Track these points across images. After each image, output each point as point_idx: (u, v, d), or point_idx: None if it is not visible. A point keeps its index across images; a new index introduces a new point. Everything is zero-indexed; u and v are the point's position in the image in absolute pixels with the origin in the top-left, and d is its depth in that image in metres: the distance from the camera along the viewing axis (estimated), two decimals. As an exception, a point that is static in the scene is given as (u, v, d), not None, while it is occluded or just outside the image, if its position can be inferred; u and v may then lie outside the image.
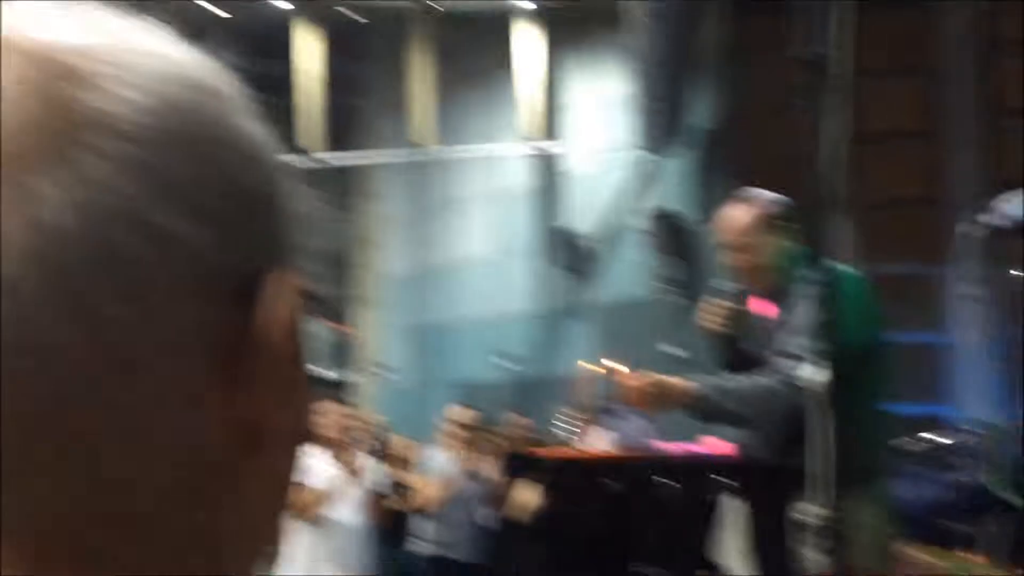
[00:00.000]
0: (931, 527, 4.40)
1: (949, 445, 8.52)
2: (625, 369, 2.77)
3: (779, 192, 2.87)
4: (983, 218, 3.34)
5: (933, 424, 10.89)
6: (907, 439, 9.98)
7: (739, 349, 2.85)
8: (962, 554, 4.10)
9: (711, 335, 2.84)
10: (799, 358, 2.48)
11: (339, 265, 20.45)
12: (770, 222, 2.75)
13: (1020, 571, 3.55)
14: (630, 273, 13.20)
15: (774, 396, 2.44)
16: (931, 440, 9.77)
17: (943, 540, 4.30)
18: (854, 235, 10.05)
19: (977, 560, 3.84)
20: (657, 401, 2.56)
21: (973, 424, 7.50)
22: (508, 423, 6.81)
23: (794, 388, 2.40)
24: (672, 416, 2.71)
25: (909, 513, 4.61)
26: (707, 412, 2.53)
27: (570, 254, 13.55)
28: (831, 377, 1.95)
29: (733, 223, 2.79)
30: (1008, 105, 11.28)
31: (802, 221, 2.73)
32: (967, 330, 9.42)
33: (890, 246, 11.89)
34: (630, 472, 2.37)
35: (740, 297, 2.88)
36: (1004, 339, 10.19)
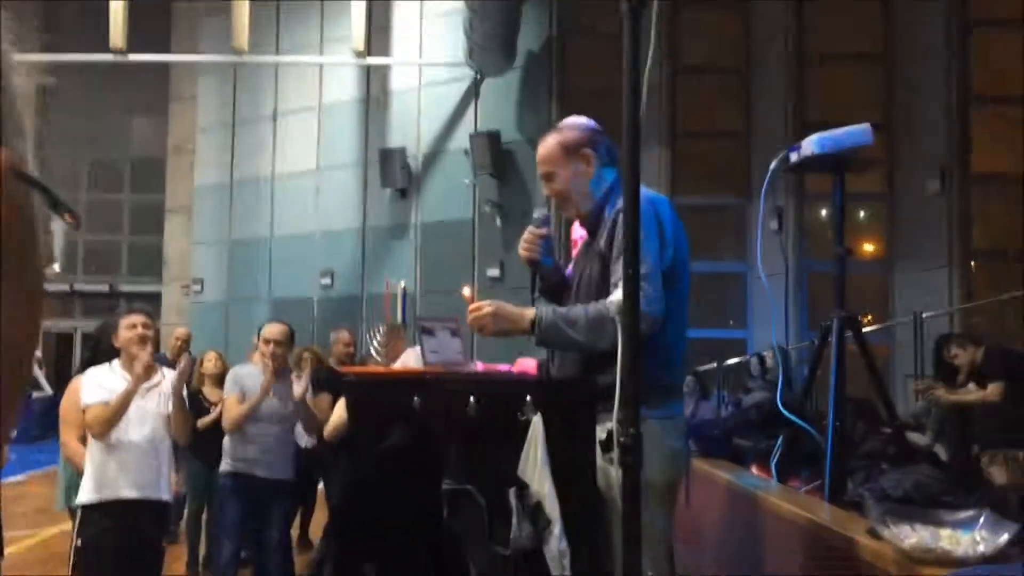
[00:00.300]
0: (727, 444, 4.67)
1: (747, 368, 9.10)
2: (468, 292, 2.76)
3: (599, 119, 2.89)
4: (788, 155, 3.50)
5: (736, 348, 11.57)
6: (712, 362, 10.55)
7: (552, 274, 2.89)
8: (753, 470, 4.38)
9: (525, 260, 2.87)
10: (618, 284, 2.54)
11: (151, 172, 19.41)
12: (578, 149, 2.77)
13: (796, 485, 3.82)
14: (453, 193, 13.20)
15: (604, 321, 2.50)
16: (732, 363, 10.37)
17: (737, 457, 4.58)
18: (669, 165, 10.38)
19: (764, 475, 4.11)
20: (496, 326, 2.56)
21: (769, 349, 8.02)
22: (333, 340, 6.70)
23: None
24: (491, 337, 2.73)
25: (708, 431, 4.89)
26: (545, 338, 2.56)
27: (395, 172, 13.39)
28: (632, 298, 2.00)
29: (543, 150, 2.81)
30: (818, 51, 11.89)
31: (613, 148, 2.77)
32: (766, 261, 10.00)
33: (704, 177, 12.41)
34: (438, 390, 2.36)
35: (545, 223, 2.91)
36: (794, 270, 10.89)
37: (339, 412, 4.35)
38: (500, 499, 2.20)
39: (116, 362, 4.21)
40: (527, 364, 3.43)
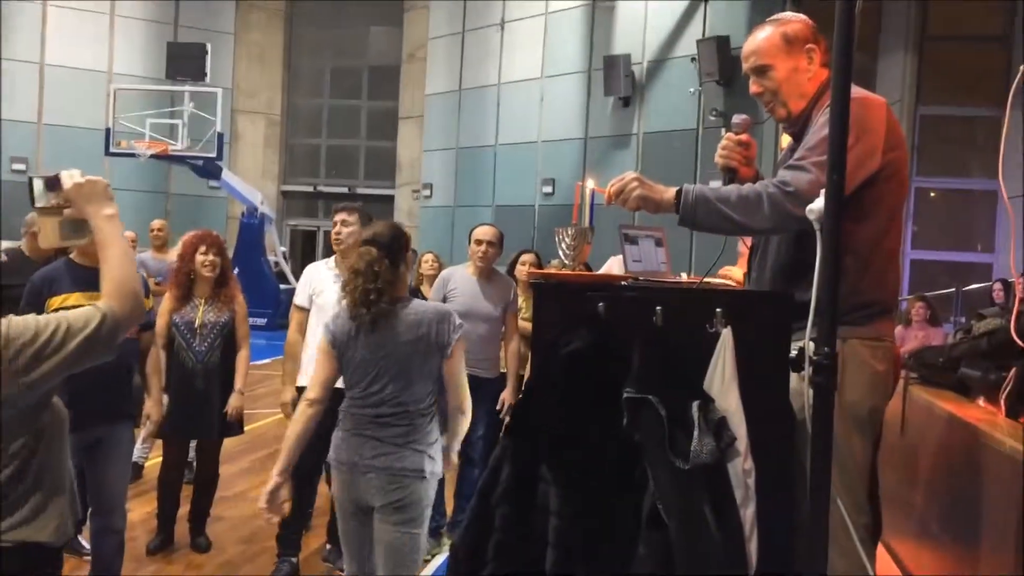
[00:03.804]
0: (953, 374, 4.33)
1: (989, 294, 8.38)
2: (593, 183, 2.64)
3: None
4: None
5: (980, 273, 10.68)
6: (951, 287, 9.79)
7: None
8: (979, 402, 4.04)
9: (722, 168, 2.71)
10: (798, 168, 2.34)
11: (386, 79, 20.14)
12: (803, 42, 2.53)
13: (1025, 422, 3.48)
14: (677, 102, 12.82)
15: (762, 200, 2.32)
16: (973, 289, 9.60)
17: (963, 387, 4.24)
18: (915, 72, 9.47)
19: (992, 409, 3.79)
20: (641, 191, 2.43)
21: (1013, 275, 7.34)
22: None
23: (788, 195, 2.29)
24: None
25: (931, 358, 4.56)
26: (691, 213, 2.40)
27: (618, 80, 13.15)
28: (835, 204, 1.83)
29: (758, 42, 2.58)
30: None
31: (829, 48, 2.51)
32: (1018, 178, 9.06)
33: (956, 86, 11.34)
34: (624, 297, 2.31)
35: (746, 128, 2.73)
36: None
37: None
38: (682, 412, 2.14)
39: (333, 258, 4.46)
40: (733, 273, 3.29)
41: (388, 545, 3.05)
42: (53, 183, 2.10)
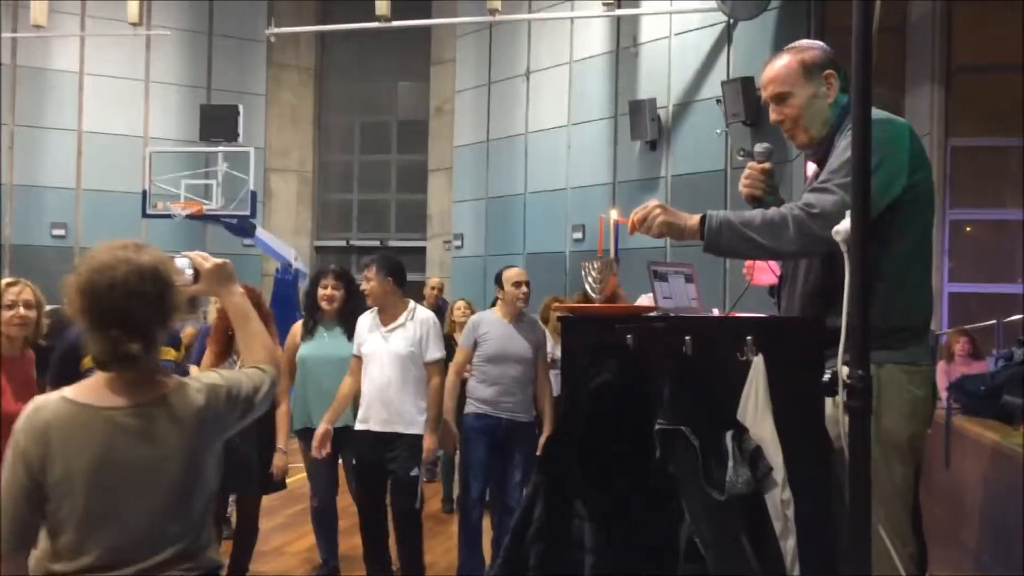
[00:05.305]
0: (995, 402, 4.25)
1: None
2: (617, 214, 2.65)
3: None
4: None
5: (1020, 305, 10.49)
6: (991, 320, 9.65)
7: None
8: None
9: (747, 198, 2.70)
10: (822, 190, 2.33)
11: (415, 133, 20.40)
12: (821, 69, 2.54)
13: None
14: (704, 144, 12.84)
15: (787, 222, 2.32)
16: (1014, 320, 9.44)
17: (1007, 416, 4.15)
18: (943, 104, 9.38)
19: (1038, 437, 3.70)
20: (665, 217, 2.43)
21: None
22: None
23: (813, 216, 2.28)
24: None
25: (972, 387, 4.48)
26: (716, 239, 2.39)
27: (644, 124, 13.22)
28: (861, 225, 1.81)
29: (777, 70, 2.58)
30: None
31: (847, 74, 2.52)
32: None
33: (986, 117, 11.26)
34: (653, 328, 2.30)
35: (769, 156, 2.73)
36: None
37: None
38: (716, 442, 2.11)
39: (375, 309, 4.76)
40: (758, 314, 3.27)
41: None
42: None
